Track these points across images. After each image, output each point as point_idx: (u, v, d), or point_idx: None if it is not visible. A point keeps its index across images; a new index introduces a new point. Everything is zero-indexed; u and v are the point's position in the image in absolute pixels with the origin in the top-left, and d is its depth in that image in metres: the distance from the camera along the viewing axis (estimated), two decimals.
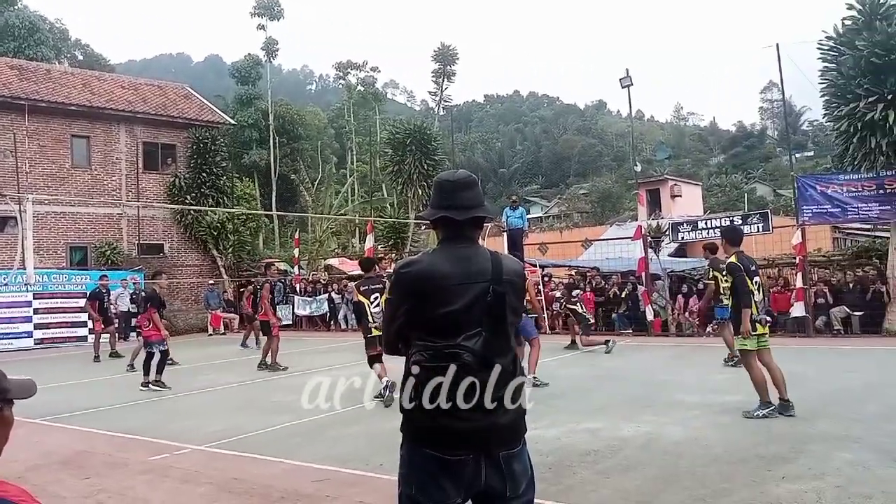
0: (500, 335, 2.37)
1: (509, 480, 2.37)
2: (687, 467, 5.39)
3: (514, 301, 2.44)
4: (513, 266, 2.49)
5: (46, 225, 21.52)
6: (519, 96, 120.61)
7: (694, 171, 64.36)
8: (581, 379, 10.22)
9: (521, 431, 2.45)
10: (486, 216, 2.53)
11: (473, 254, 2.44)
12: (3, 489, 1.53)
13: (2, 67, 23.79)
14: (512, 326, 2.44)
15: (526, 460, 2.45)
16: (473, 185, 2.52)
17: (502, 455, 2.36)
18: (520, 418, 2.45)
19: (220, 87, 58.92)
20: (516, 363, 2.45)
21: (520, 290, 2.50)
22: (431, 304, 2.35)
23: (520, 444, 2.43)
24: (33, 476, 5.82)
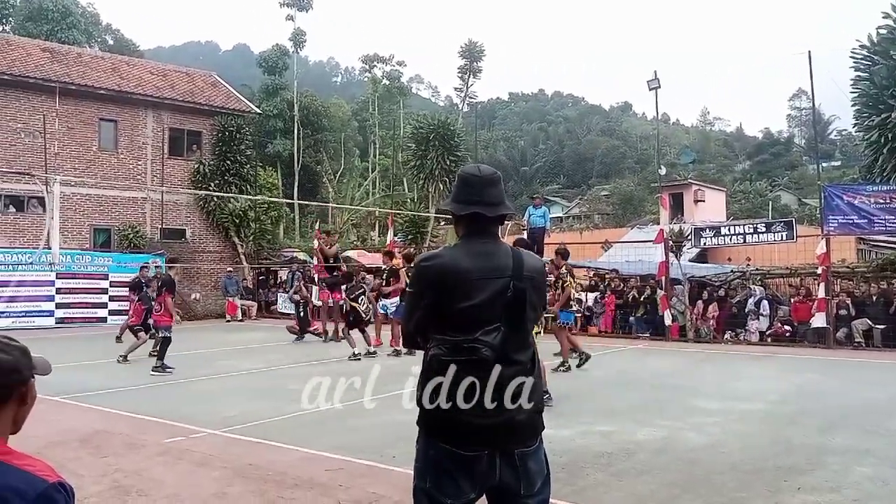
0: (519, 331, 2.37)
1: (524, 478, 2.37)
2: (702, 474, 5.35)
3: (535, 298, 2.43)
4: (534, 263, 2.49)
5: (72, 206, 21.78)
6: (544, 95, 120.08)
7: (718, 176, 63.72)
8: (597, 381, 10.18)
9: (538, 429, 2.44)
10: (511, 213, 2.56)
11: (495, 249, 2.44)
12: (29, 463, 1.59)
13: (34, 50, 24.11)
14: (531, 323, 2.44)
15: (542, 459, 2.45)
16: (499, 182, 2.53)
17: (517, 452, 2.36)
18: (537, 416, 2.45)
19: (247, 77, 59.21)
20: (535, 360, 2.44)
21: (540, 287, 2.50)
22: (451, 299, 2.35)
23: (536, 442, 2.42)
24: (51, 453, 5.90)
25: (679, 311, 16.50)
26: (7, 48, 23.23)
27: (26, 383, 1.67)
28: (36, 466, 1.59)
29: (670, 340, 15.79)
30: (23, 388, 1.66)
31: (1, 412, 1.62)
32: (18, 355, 1.66)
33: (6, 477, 1.52)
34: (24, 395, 1.67)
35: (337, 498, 4.83)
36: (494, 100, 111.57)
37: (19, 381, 1.65)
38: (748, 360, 12.79)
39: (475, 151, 34.93)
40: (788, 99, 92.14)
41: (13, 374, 1.63)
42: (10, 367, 1.62)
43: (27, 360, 1.68)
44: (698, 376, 10.85)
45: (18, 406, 1.66)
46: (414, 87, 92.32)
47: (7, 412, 1.64)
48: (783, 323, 15.48)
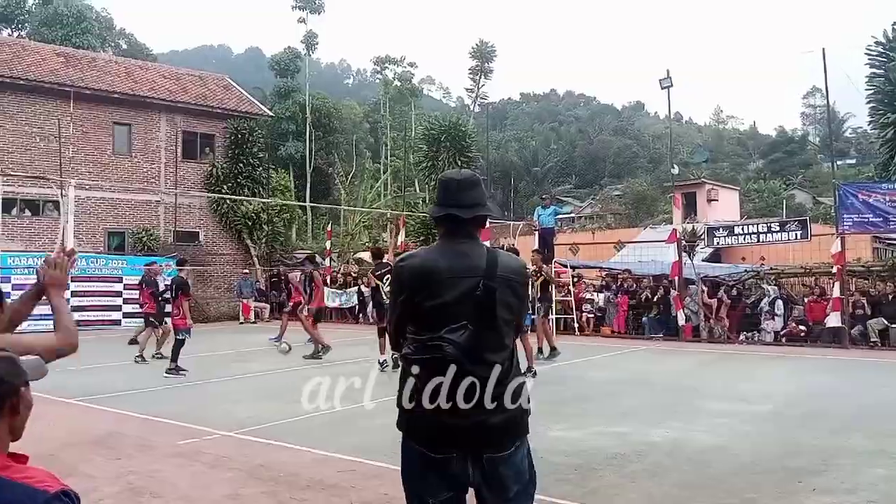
0: (490, 331, 2.35)
1: (494, 483, 2.35)
2: (714, 475, 5.32)
3: (510, 298, 2.41)
4: (511, 264, 2.48)
5: (87, 210, 21.97)
6: (555, 95, 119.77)
7: (732, 175, 63.32)
8: (609, 382, 10.14)
9: (511, 434, 2.39)
10: (488, 214, 2.58)
11: (469, 250, 2.46)
12: (28, 475, 1.56)
13: (49, 54, 24.35)
14: (507, 324, 2.42)
15: (519, 465, 2.40)
16: (477, 185, 2.56)
17: (486, 457, 2.34)
18: (514, 420, 2.39)
19: (260, 80, 59.51)
20: (513, 361, 2.44)
21: (518, 287, 2.46)
22: (422, 297, 2.39)
23: (509, 447, 2.38)
24: (65, 454, 5.96)
25: (692, 311, 16.41)
26: (22, 53, 23.47)
27: (16, 393, 1.62)
28: (35, 477, 1.55)
29: (684, 341, 15.71)
30: (13, 399, 1.62)
31: None
32: (5, 366, 1.62)
33: (5, 492, 1.49)
34: (16, 405, 1.63)
35: (349, 499, 4.85)
36: (506, 100, 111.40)
37: (7, 392, 1.60)
38: (762, 361, 12.71)
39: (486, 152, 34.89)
40: (803, 97, 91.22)
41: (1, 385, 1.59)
42: None
43: (14, 369, 1.64)
44: (711, 377, 10.78)
45: (11, 417, 1.62)
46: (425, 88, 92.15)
47: (1, 425, 1.60)
48: (798, 323, 15.37)
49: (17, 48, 24.17)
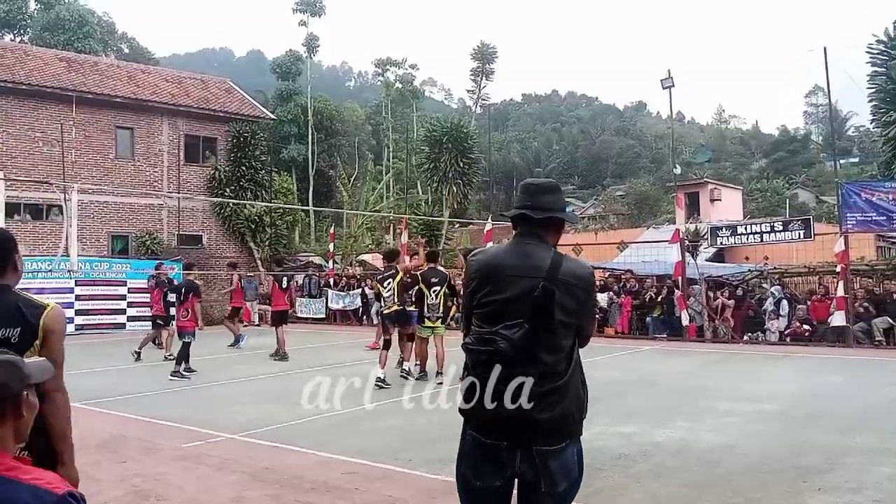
0: (546, 332, 2.43)
1: (543, 476, 2.43)
2: (720, 475, 5.31)
3: (568, 301, 2.46)
4: (574, 269, 2.53)
5: (90, 214, 22.01)
6: (557, 96, 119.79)
7: (735, 175, 63.26)
8: (614, 382, 10.12)
9: (562, 431, 2.47)
10: (564, 220, 2.66)
11: (534, 251, 2.53)
12: (35, 476, 1.58)
13: (51, 59, 24.41)
14: (564, 326, 2.47)
15: (569, 461, 2.48)
16: (555, 191, 2.67)
17: (536, 450, 2.42)
18: (565, 419, 2.47)
19: (261, 83, 59.63)
20: (570, 364, 2.49)
21: (577, 292, 2.49)
22: (485, 292, 2.53)
23: (561, 443, 2.46)
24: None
25: (696, 311, 16.38)
26: (25, 58, 23.53)
27: (20, 397, 1.64)
28: (43, 479, 1.57)
29: (688, 341, 15.69)
30: (17, 402, 1.64)
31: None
32: (4, 371, 1.63)
33: (14, 493, 1.51)
34: (19, 408, 1.65)
35: (353, 501, 4.84)
36: (507, 101, 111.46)
37: (9, 396, 1.62)
38: (767, 360, 12.69)
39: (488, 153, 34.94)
40: (805, 95, 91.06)
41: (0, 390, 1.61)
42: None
43: (16, 373, 1.65)
44: (716, 377, 10.76)
45: (15, 420, 1.64)
46: (427, 90, 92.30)
47: (5, 428, 1.62)
48: (802, 322, 15.33)
49: (19, 53, 24.23)
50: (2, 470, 1.56)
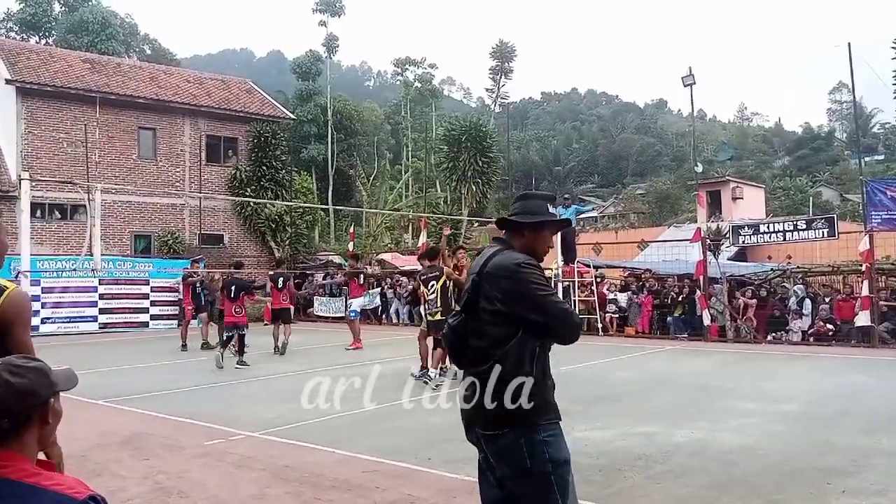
0: (474, 320, 2.70)
1: (493, 460, 2.64)
2: (741, 476, 5.26)
3: (490, 291, 2.65)
4: (499, 261, 2.69)
5: (113, 213, 22.31)
6: (577, 94, 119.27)
7: (757, 173, 62.54)
8: (636, 382, 10.07)
9: (497, 418, 2.59)
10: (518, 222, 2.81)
11: (486, 252, 2.81)
12: (57, 482, 1.59)
13: (75, 61, 24.76)
14: (492, 315, 2.64)
15: (511, 450, 2.56)
16: (520, 199, 2.93)
17: (478, 432, 2.67)
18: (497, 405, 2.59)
19: (282, 83, 59.97)
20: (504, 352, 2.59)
21: (501, 281, 2.64)
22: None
23: (499, 430, 2.59)
24: (95, 455, 6.05)
25: (718, 310, 16.23)
26: (50, 60, 23.90)
27: (46, 404, 1.66)
28: (64, 484, 1.59)
29: (709, 341, 15.56)
30: (44, 410, 1.65)
31: (25, 435, 1.62)
32: (34, 377, 1.64)
33: (37, 500, 1.53)
34: (45, 415, 1.66)
35: (373, 499, 4.86)
36: (527, 100, 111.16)
37: (37, 403, 1.63)
38: (789, 360, 12.55)
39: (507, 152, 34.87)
40: (829, 92, 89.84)
41: (29, 397, 1.62)
42: (26, 390, 1.61)
43: (45, 380, 1.66)
44: (738, 377, 10.66)
45: (41, 427, 1.66)
46: (446, 89, 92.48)
47: (30, 435, 1.64)
48: (825, 322, 15.14)
49: (44, 55, 24.61)
50: (23, 476, 1.57)
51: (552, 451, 2.56)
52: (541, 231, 2.82)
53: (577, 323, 2.69)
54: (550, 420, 2.60)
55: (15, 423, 1.60)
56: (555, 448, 2.58)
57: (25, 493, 1.54)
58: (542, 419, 2.58)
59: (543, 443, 2.55)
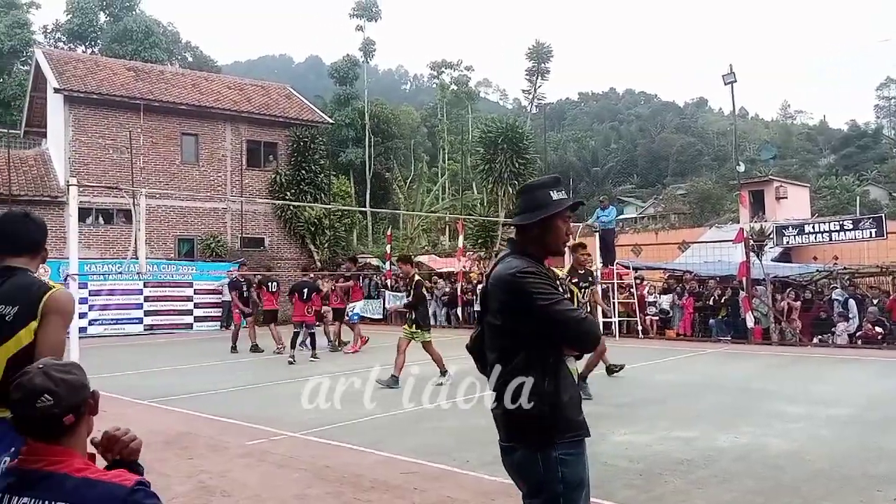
0: (487, 330, 2.63)
1: (510, 474, 2.59)
2: (787, 482, 5.14)
3: (492, 302, 2.57)
4: (498, 272, 2.57)
5: (157, 217, 22.79)
6: (615, 94, 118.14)
7: (801, 172, 61.15)
8: (677, 385, 9.93)
9: (513, 429, 2.51)
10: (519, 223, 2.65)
11: (501, 257, 2.67)
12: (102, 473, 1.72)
13: (120, 69, 25.39)
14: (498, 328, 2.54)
15: (524, 466, 2.47)
16: (522, 193, 2.74)
17: (500, 443, 2.60)
18: (514, 421, 2.49)
19: (320, 88, 60.67)
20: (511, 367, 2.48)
21: (498, 293, 2.53)
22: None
23: (507, 441, 2.53)
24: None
25: (762, 312, 15.90)
26: (96, 69, 24.54)
27: (94, 395, 1.80)
28: (112, 474, 1.71)
29: (753, 343, 15.25)
30: (91, 400, 1.79)
31: (80, 427, 1.75)
32: (79, 372, 1.78)
33: (91, 491, 1.64)
34: (94, 406, 1.80)
35: (412, 501, 4.88)
36: (564, 100, 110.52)
37: (87, 396, 1.77)
38: (836, 364, 12.23)
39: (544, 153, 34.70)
40: (876, 88, 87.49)
41: (83, 389, 1.76)
42: (79, 383, 1.75)
43: (84, 374, 1.81)
44: (782, 380, 10.42)
45: (89, 416, 1.80)
46: (482, 91, 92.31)
47: (83, 426, 1.77)
48: (874, 324, 14.71)
49: (90, 64, 25.29)
50: (75, 471, 1.67)
51: (567, 472, 2.40)
52: (551, 223, 2.59)
53: (590, 328, 2.46)
54: (569, 438, 2.44)
55: (78, 417, 1.72)
56: (571, 468, 2.42)
57: (80, 486, 1.64)
58: (559, 436, 2.42)
59: (559, 461, 2.40)
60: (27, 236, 2.72)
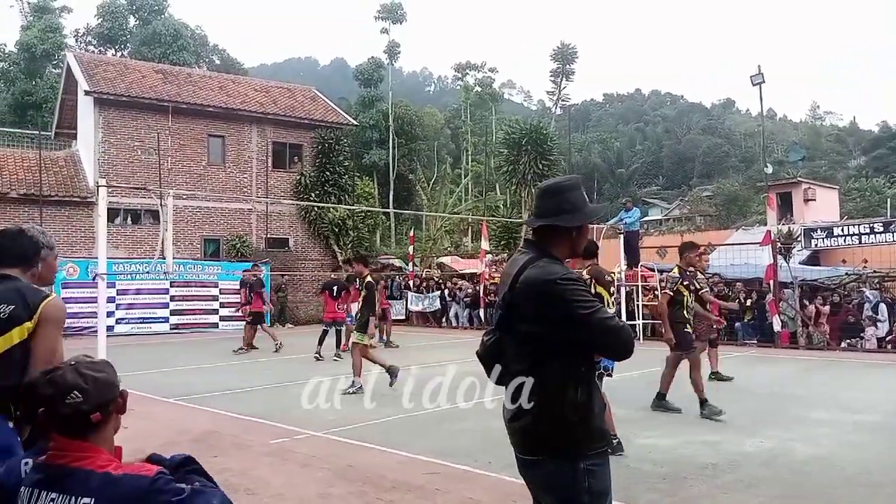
0: (511, 340, 2.48)
1: (531, 485, 2.49)
2: (814, 488, 5.07)
3: (529, 309, 2.39)
4: (532, 276, 2.41)
5: (184, 218, 23.06)
6: (640, 95, 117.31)
7: (830, 173, 60.17)
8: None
9: (541, 441, 2.41)
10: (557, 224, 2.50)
11: (518, 259, 2.52)
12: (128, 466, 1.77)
13: (149, 72, 25.76)
14: (531, 335, 2.40)
15: (551, 479, 2.39)
16: (554, 194, 2.55)
17: (518, 457, 2.50)
18: (531, 431, 2.41)
19: (345, 90, 60.95)
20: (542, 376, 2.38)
21: (536, 297, 2.38)
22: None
23: (531, 455, 2.43)
24: (167, 451, 6.21)
25: (789, 316, 15.68)
26: (125, 72, 24.92)
27: (122, 394, 1.85)
28: (134, 467, 1.76)
29: (780, 347, 15.04)
30: (120, 400, 1.84)
31: (107, 425, 1.79)
32: (109, 370, 1.83)
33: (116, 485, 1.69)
34: (122, 405, 1.85)
35: (434, 502, 4.88)
36: (588, 101, 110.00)
37: (116, 394, 1.82)
38: (865, 369, 12.02)
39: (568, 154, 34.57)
40: None
41: (113, 387, 1.81)
42: (109, 382, 1.80)
43: (115, 372, 1.85)
44: (810, 385, 10.27)
45: (117, 414, 1.84)
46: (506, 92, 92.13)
47: (111, 424, 1.81)
48: None
49: (120, 67, 25.69)
50: (99, 466, 1.72)
51: (593, 482, 2.36)
52: (584, 227, 2.56)
53: (629, 337, 2.38)
54: (597, 448, 2.40)
55: (105, 415, 1.77)
56: (597, 479, 2.38)
57: (105, 481, 1.69)
58: (588, 448, 2.38)
59: (587, 472, 2.36)
60: (20, 250, 2.97)
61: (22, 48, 39.35)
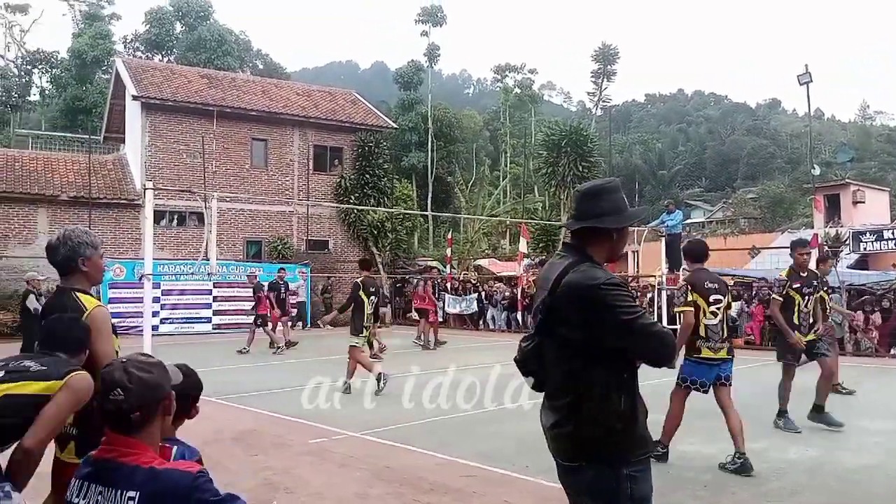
0: (551, 346, 2.44)
1: (570, 490, 2.46)
2: (863, 497, 4.93)
3: (572, 315, 2.35)
4: (574, 280, 2.36)
5: (227, 220, 23.47)
6: (683, 95, 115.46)
7: (880, 175, 58.44)
8: (745, 395, 9.56)
9: (572, 449, 2.39)
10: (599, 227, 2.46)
11: (557, 263, 2.48)
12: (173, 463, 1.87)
13: (194, 77, 26.31)
14: (573, 342, 2.36)
15: (591, 485, 2.36)
16: (594, 196, 2.52)
17: (558, 464, 2.47)
18: (572, 437, 2.38)
19: (385, 93, 61.34)
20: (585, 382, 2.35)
21: (579, 302, 2.33)
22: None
23: (572, 461, 2.40)
24: (209, 450, 6.35)
25: (836, 321, 15.26)
26: (171, 77, 25.50)
27: (168, 397, 1.89)
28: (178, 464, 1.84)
29: None
30: (166, 401, 1.88)
31: (150, 424, 1.84)
32: (158, 372, 1.87)
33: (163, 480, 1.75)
34: (168, 407, 1.89)
35: None
36: (630, 102, 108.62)
37: (163, 395, 1.86)
38: None
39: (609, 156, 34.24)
40: None
41: (158, 389, 1.85)
42: (154, 383, 1.83)
43: (166, 375, 1.90)
44: (859, 392, 9.98)
45: (164, 416, 1.89)
46: (546, 94, 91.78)
47: (156, 425, 1.86)
48: None
49: (166, 72, 26.30)
50: (145, 462, 1.78)
51: (636, 489, 2.35)
52: (625, 230, 2.54)
53: (672, 343, 2.36)
54: (640, 455, 2.39)
55: (147, 414, 1.81)
56: (640, 485, 2.36)
57: (149, 477, 1.75)
58: (631, 454, 2.36)
59: (629, 478, 2.34)
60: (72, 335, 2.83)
61: (73, 55, 40.57)
